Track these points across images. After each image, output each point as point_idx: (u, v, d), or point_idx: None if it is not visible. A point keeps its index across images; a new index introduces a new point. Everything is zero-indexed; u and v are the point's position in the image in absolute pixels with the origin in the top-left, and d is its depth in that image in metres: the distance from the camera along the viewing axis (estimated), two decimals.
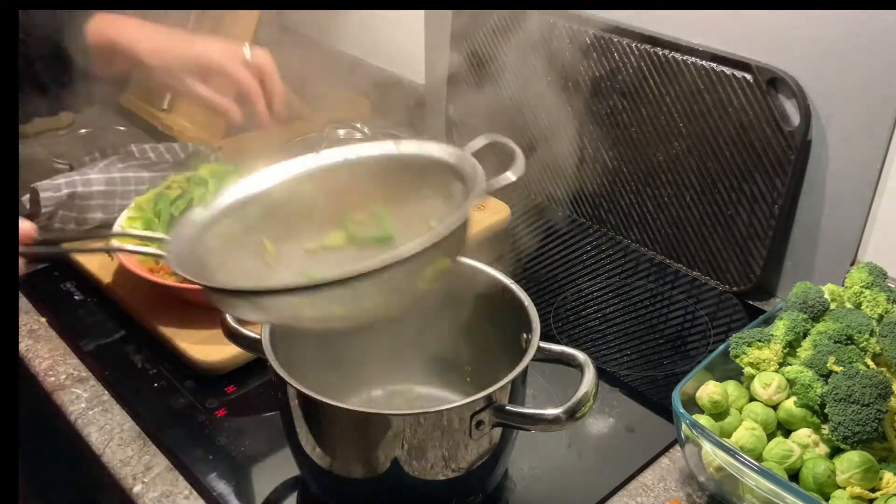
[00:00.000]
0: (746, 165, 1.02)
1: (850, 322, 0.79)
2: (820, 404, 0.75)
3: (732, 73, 1.00)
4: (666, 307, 1.06)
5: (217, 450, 0.83)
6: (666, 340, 1.00)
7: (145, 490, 0.80)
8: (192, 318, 0.95)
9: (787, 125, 0.97)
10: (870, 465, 0.71)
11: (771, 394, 0.78)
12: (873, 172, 0.93)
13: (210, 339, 0.93)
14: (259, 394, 0.91)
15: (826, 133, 0.96)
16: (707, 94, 1.03)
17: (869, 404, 0.70)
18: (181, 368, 0.93)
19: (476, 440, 0.69)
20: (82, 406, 0.90)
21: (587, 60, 1.15)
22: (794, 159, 0.97)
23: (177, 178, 1.08)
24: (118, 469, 0.82)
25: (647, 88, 1.10)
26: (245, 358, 0.93)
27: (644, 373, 0.95)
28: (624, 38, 1.10)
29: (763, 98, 0.98)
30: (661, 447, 0.84)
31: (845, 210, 0.97)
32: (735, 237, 1.06)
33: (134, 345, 0.97)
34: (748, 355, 0.80)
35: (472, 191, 0.66)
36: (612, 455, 0.84)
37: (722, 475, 0.73)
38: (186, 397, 0.89)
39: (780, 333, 0.80)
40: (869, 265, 0.85)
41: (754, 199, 1.02)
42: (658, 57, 1.07)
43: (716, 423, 0.77)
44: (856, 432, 0.70)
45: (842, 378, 0.72)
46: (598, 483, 0.80)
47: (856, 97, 0.92)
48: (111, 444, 0.85)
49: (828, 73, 0.94)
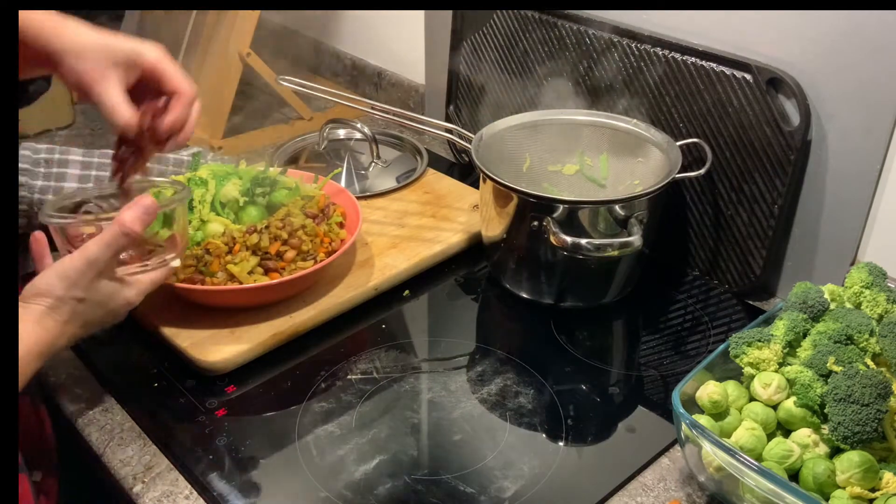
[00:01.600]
0: (746, 165, 1.02)
1: (850, 322, 0.79)
2: (820, 404, 0.75)
3: (732, 73, 1.00)
4: (666, 307, 1.06)
5: (217, 450, 0.83)
6: (666, 340, 1.00)
7: (145, 490, 0.80)
8: (192, 318, 0.95)
9: (787, 125, 0.97)
10: (870, 465, 0.71)
11: (771, 394, 0.78)
12: (873, 172, 0.93)
13: (210, 339, 0.93)
14: (259, 394, 0.91)
15: (826, 133, 0.96)
16: (707, 94, 1.03)
17: (869, 404, 0.70)
18: (181, 368, 0.93)
19: None
20: (82, 406, 0.90)
21: (588, 60, 1.15)
22: (794, 159, 0.97)
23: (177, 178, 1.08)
24: (118, 469, 0.82)
25: (647, 88, 1.10)
26: (245, 358, 0.93)
27: (644, 373, 0.95)
28: (624, 38, 1.10)
29: (763, 98, 0.98)
30: (661, 447, 0.84)
31: (845, 210, 0.97)
32: (735, 237, 1.06)
33: (134, 345, 0.97)
34: (748, 355, 0.80)
35: (670, 175, 0.97)
36: (612, 455, 0.84)
37: (722, 475, 0.73)
38: (186, 397, 0.89)
39: (780, 333, 0.80)
40: (869, 265, 0.85)
41: (754, 199, 1.02)
42: (658, 57, 1.07)
43: (716, 423, 0.77)
44: (856, 432, 0.70)
45: (842, 378, 0.72)
46: (598, 483, 0.80)
47: (856, 97, 0.92)
48: (111, 444, 0.85)
49: (828, 73, 0.94)
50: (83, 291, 0.75)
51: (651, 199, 0.97)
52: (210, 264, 0.94)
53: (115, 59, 0.81)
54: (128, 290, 0.79)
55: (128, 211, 0.76)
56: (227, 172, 1.07)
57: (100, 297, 0.77)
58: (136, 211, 0.76)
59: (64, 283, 0.74)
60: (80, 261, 0.74)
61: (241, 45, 1.39)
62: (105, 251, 0.75)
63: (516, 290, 1.06)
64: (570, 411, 0.88)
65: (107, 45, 0.81)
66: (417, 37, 1.47)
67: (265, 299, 0.97)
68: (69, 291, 0.74)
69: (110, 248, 0.75)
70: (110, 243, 0.75)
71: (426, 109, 1.52)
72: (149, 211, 0.77)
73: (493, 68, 1.28)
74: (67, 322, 0.75)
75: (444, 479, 0.80)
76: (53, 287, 0.74)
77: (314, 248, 0.99)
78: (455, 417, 0.87)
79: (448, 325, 1.03)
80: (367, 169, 1.31)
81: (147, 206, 0.76)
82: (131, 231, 0.75)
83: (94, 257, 0.74)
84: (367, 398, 0.90)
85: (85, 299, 0.75)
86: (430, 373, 0.94)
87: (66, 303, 0.74)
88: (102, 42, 0.81)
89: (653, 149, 1.06)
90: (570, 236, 0.92)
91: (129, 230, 0.75)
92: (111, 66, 0.81)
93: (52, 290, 0.74)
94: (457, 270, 1.12)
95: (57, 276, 0.74)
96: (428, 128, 1.15)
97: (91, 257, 0.74)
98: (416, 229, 1.15)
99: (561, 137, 1.13)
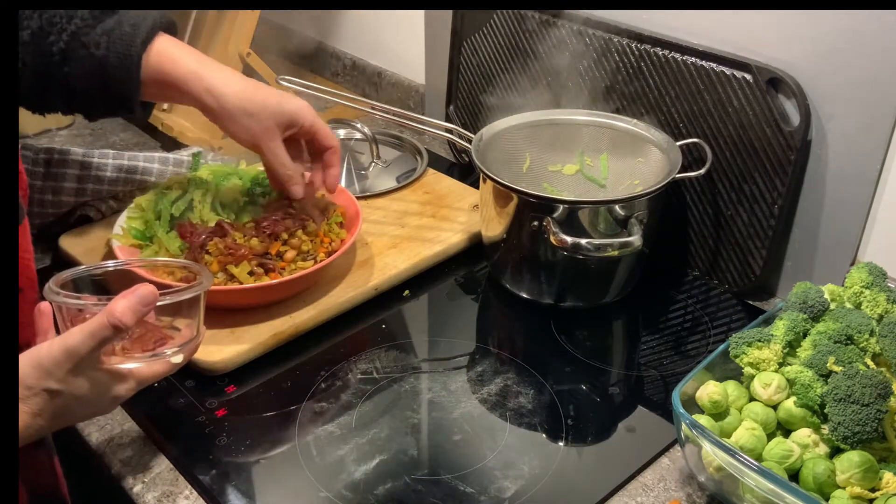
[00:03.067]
0: (746, 165, 1.02)
1: (850, 322, 0.79)
2: (820, 404, 0.75)
3: (732, 73, 1.00)
4: (666, 307, 1.06)
5: (217, 450, 0.83)
6: (666, 340, 1.00)
7: (145, 490, 0.80)
8: None
9: (787, 125, 0.97)
10: (870, 465, 0.71)
11: (771, 394, 0.78)
12: (873, 172, 0.93)
13: (210, 339, 0.93)
14: (259, 394, 0.91)
15: (826, 133, 0.96)
16: (707, 94, 1.03)
17: (869, 404, 0.70)
18: (181, 368, 0.92)
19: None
20: None
21: (587, 60, 1.15)
22: (794, 159, 0.97)
23: (177, 178, 1.08)
24: (118, 469, 0.82)
25: (647, 88, 1.10)
26: (245, 358, 0.93)
27: (644, 373, 0.95)
28: (624, 38, 1.10)
29: (763, 98, 0.98)
30: (661, 447, 0.84)
31: (845, 210, 0.97)
32: (735, 237, 1.06)
33: None
34: (748, 355, 0.80)
35: (670, 175, 0.98)
36: (612, 455, 0.84)
37: (722, 475, 0.73)
38: (186, 397, 0.89)
39: (780, 333, 0.80)
40: (869, 265, 0.85)
41: (754, 199, 1.02)
42: (658, 57, 1.07)
43: (716, 423, 0.77)
44: (856, 432, 0.70)
45: (842, 378, 0.72)
46: (598, 483, 0.80)
47: (856, 97, 0.92)
48: (111, 444, 0.85)
49: (828, 73, 0.94)
50: (57, 383, 0.65)
51: (651, 199, 0.97)
52: (210, 264, 0.94)
53: (279, 120, 0.94)
54: (119, 386, 0.70)
55: (121, 299, 0.66)
56: (227, 172, 1.07)
57: (79, 391, 0.67)
58: (131, 301, 0.66)
59: (36, 373, 0.65)
60: (59, 349, 0.65)
61: (241, 45, 1.39)
62: (87, 341, 0.65)
63: (516, 290, 1.06)
64: (570, 411, 0.88)
65: (276, 105, 0.93)
66: (417, 37, 1.47)
67: (265, 299, 0.97)
68: (41, 382, 0.65)
69: (94, 338, 0.65)
70: (94, 333, 0.65)
71: (426, 109, 1.52)
72: (145, 302, 0.67)
73: (493, 68, 1.28)
74: (36, 415, 0.66)
75: (443, 480, 0.80)
76: (25, 375, 0.64)
77: (314, 249, 0.99)
78: (455, 417, 0.87)
79: (448, 325, 1.03)
80: (367, 169, 1.31)
81: (144, 297, 0.67)
82: (119, 323, 0.65)
83: (74, 347, 0.65)
84: (367, 398, 0.90)
85: (60, 392, 0.66)
86: (430, 373, 0.94)
87: (36, 394, 0.65)
88: (273, 102, 0.93)
89: (653, 149, 1.07)
90: (570, 236, 0.92)
91: (118, 322, 0.65)
92: (276, 126, 0.94)
93: (23, 378, 0.64)
94: (457, 270, 1.12)
95: (31, 364, 0.65)
96: (428, 128, 1.15)
97: (70, 347, 0.65)
98: (416, 229, 1.15)
99: (561, 137, 1.13)
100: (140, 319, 0.67)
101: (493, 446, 0.84)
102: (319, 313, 0.99)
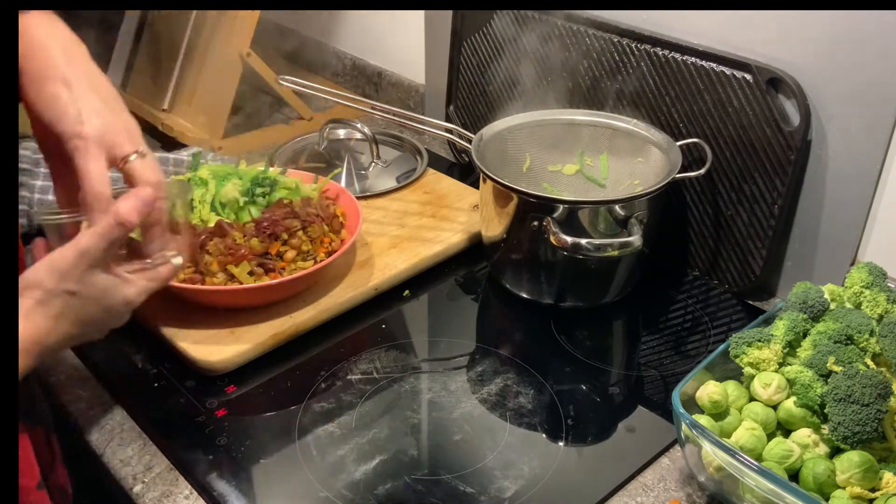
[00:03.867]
0: (746, 165, 1.02)
1: (850, 322, 0.79)
2: (820, 404, 0.75)
3: (732, 73, 1.00)
4: (666, 307, 1.06)
5: (217, 450, 0.83)
6: (666, 340, 1.00)
7: (145, 490, 0.80)
8: (192, 318, 0.95)
9: (787, 125, 0.97)
10: (869, 465, 0.71)
11: (771, 394, 0.78)
12: (873, 172, 0.93)
13: (210, 339, 0.93)
14: (259, 394, 0.91)
15: (826, 133, 0.96)
16: (707, 94, 1.03)
17: (869, 404, 0.70)
18: (181, 368, 0.93)
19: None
20: (82, 406, 0.90)
21: (587, 60, 1.15)
22: (794, 159, 0.97)
23: (177, 178, 1.08)
24: (118, 469, 0.82)
25: (647, 88, 1.10)
26: (245, 358, 0.93)
27: (644, 373, 0.95)
28: (624, 38, 1.10)
29: (763, 98, 0.98)
30: (661, 447, 0.84)
31: (845, 210, 0.97)
32: (735, 237, 1.06)
33: (134, 345, 0.97)
34: (748, 355, 0.80)
35: (669, 175, 0.98)
36: (612, 455, 0.84)
37: (722, 475, 0.73)
38: (186, 397, 0.89)
39: (780, 333, 0.80)
40: (869, 265, 0.85)
41: (754, 199, 1.02)
42: (658, 57, 1.07)
43: (716, 423, 0.77)
44: (856, 432, 0.70)
45: (842, 378, 0.72)
46: (598, 483, 0.80)
47: (856, 97, 0.92)
48: (111, 444, 0.85)
49: (828, 74, 0.94)
50: (75, 284, 0.69)
51: (651, 199, 0.97)
52: (210, 264, 0.94)
53: (117, 130, 0.76)
54: (127, 288, 0.74)
55: (124, 201, 0.70)
56: (227, 172, 1.07)
57: (94, 291, 0.71)
58: (134, 201, 0.70)
59: (54, 276, 0.69)
60: (71, 252, 0.69)
61: (241, 45, 1.39)
62: (98, 242, 0.69)
63: (516, 290, 1.06)
64: (570, 411, 0.88)
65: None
66: (417, 37, 1.47)
67: (265, 299, 0.97)
68: (60, 284, 0.69)
69: (103, 238, 0.69)
70: (103, 234, 0.69)
71: (426, 109, 1.52)
72: (146, 202, 0.71)
73: (493, 68, 1.28)
74: (59, 317, 0.70)
75: (443, 479, 0.80)
76: (43, 279, 0.68)
77: (314, 249, 0.99)
78: (455, 417, 0.87)
79: (448, 325, 1.03)
80: (367, 169, 1.31)
81: (145, 198, 0.71)
82: (126, 221, 0.69)
83: (86, 248, 0.69)
84: (367, 398, 0.90)
85: (77, 293, 0.70)
86: (430, 373, 0.94)
87: (56, 296, 0.69)
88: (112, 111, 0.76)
89: (653, 149, 1.07)
90: (570, 236, 0.92)
91: (125, 220, 0.69)
92: (115, 136, 0.75)
93: (41, 282, 0.68)
94: (457, 270, 1.12)
95: (46, 269, 0.69)
96: (428, 128, 1.15)
97: (82, 248, 0.69)
98: (416, 229, 1.15)
99: (561, 137, 1.13)
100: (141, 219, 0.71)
101: (493, 446, 0.84)
102: (319, 313, 0.99)
